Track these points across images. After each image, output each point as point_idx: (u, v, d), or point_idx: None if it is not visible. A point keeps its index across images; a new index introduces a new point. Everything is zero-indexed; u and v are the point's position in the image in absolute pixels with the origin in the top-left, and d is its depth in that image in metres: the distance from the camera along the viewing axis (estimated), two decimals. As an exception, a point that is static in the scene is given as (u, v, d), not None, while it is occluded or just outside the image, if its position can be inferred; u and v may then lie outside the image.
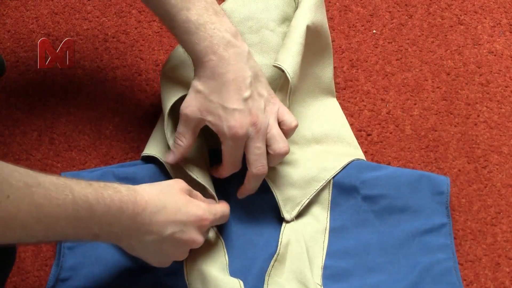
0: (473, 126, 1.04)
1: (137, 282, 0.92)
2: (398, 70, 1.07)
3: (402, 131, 1.04)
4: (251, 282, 0.91)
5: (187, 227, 0.85)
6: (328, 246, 0.93)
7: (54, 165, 1.02)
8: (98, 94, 1.06)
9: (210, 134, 0.94)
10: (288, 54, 0.94)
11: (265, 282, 0.90)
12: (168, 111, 0.92)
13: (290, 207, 0.94)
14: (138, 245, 0.84)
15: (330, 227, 0.95)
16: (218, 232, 0.94)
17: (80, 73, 1.07)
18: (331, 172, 0.95)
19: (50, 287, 0.92)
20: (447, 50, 1.08)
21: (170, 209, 0.84)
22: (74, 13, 1.10)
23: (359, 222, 0.95)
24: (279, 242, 0.92)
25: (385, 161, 1.02)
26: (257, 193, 0.94)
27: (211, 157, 0.96)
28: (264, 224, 0.96)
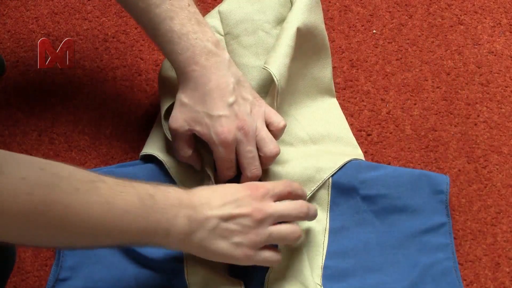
0: (473, 126, 1.04)
1: (137, 282, 0.92)
2: (398, 70, 1.07)
3: (402, 131, 1.04)
4: (251, 283, 0.91)
5: (243, 201, 0.84)
6: (328, 246, 0.93)
7: (54, 165, 1.02)
8: (98, 94, 1.06)
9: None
10: (276, 57, 0.95)
11: (265, 283, 0.90)
12: (164, 114, 0.94)
13: None
14: (208, 237, 0.82)
15: (330, 227, 0.95)
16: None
17: (80, 73, 1.07)
18: (328, 173, 0.95)
19: (50, 287, 0.92)
20: (447, 50, 1.08)
21: (221, 192, 0.84)
22: (74, 13, 1.10)
23: (359, 222, 0.95)
24: (279, 242, 0.92)
25: (385, 161, 1.02)
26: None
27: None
28: (264, 224, 0.96)
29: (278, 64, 0.94)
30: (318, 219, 0.95)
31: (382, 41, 1.09)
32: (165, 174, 0.95)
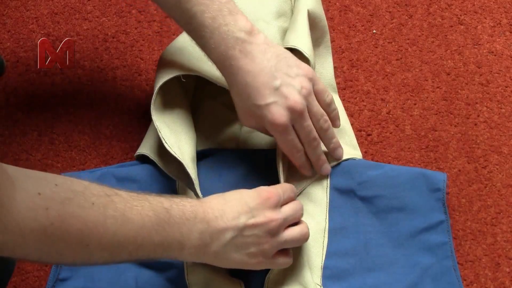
0: (473, 126, 1.04)
1: (137, 282, 0.92)
2: (398, 70, 1.07)
3: (402, 131, 1.04)
4: (251, 283, 0.91)
5: (257, 210, 0.84)
6: (328, 247, 0.93)
7: (54, 165, 1.02)
8: (98, 94, 1.06)
9: (203, 134, 0.96)
10: (300, 36, 0.94)
11: (265, 283, 0.90)
12: (157, 90, 0.92)
13: None
14: (223, 249, 0.83)
15: (329, 228, 0.95)
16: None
17: (80, 73, 1.07)
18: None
19: (50, 287, 0.92)
20: (447, 50, 1.08)
21: (234, 201, 0.84)
22: (74, 13, 1.10)
23: (358, 222, 0.95)
24: (279, 242, 0.92)
25: (385, 161, 1.02)
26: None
27: (204, 157, 0.97)
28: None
29: (305, 42, 0.94)
30: (318, 220, 0.95)
31: (382, 41, 1.09)
32: (165, 174, 0.95)
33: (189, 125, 0.96)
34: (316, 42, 1.01)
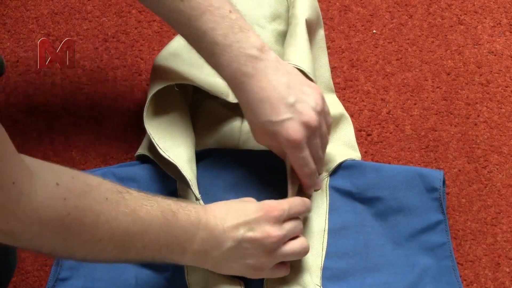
0: (473, 126, 1.04)
1: (137, 282, 0.92)
2: (398, 70, 1.07)
3: (402, 131, 1.04)
4: (251, 283, 0.91)
5: (257, 224, 0.83)
6: (328, 247, 0.93)
7: (54, 165, 1.02)
8: (98, 94, 1.06)
9: (202, 134, 0.96)
10: (301, 53, 0.94)
11: (265, 284, 0.90)
12: (150, 99, 0.93)
13: None
14: (222, 257, 0.83)
15: (329, 228, 0.95)
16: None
17: (80, 73, 1.07)
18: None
19: (50, 287, 0.92)
20: (447, 50, 1.08)
21: (236, 212, 0.84)
22: (74, 13, 1.10)
23: (358, 223, 0.95)
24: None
25: (385, 161, 1.02)
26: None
27: (204, 157, 0.97)
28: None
29: (307, 61, 0.94)
30: (318, 221, 0.95)
31: (382, 41, 1.09)
32: (165, 174, 0.95)
33: (186, 126, 0.96)
34: (311, 43, 1.01)
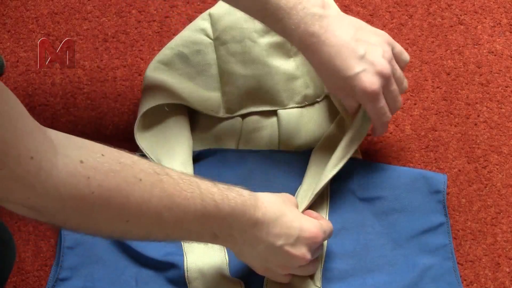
0: (473, 126, 1.04)
1: (137, 282, 0.92)
2: (398, 70, 1.07)
3: (402, 131, 1.04)
4: (252, 283, 0.91)
5: (299, 242, 0.84)
6: (328, 248, 0.93)
7: (54, 165, 1.02)
8: (98, 94, 1.06)
9: (203, 134, 0.96)
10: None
11: (265, 283, 0.90)
12: (140, 118, 0.95)
13: None
14: (249, 252, 0.84)
15: (330, 228, 0.95)
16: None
17: (80, 73, 1.07)
18: (325, 181, 0.95)
19: (50, 287, 0.92)
20: (447, 50, 1.08)
21: (286, 220, 0.84)
22: (74, 13, 1.10)
23: (358, 223, 0.95)
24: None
25: (385, 161, 1.02)
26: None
27: (204, 157, 0.98)
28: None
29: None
30: (318, 221, 0.95)
31: (382, 41, 1.09)
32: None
33: (183, 127, 0.96)
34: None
